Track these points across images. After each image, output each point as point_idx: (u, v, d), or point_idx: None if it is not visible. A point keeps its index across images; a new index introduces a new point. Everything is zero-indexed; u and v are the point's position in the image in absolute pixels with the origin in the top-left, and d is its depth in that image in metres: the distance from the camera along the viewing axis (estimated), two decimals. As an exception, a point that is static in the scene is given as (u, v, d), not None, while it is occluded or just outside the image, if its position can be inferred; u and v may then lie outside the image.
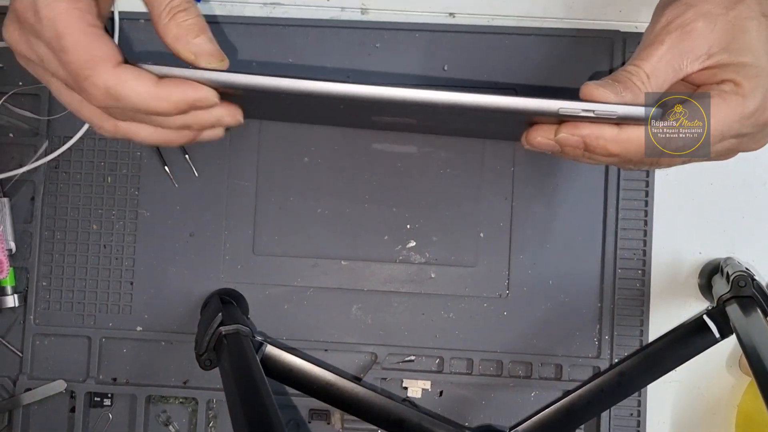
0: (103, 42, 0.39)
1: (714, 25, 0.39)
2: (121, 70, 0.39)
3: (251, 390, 0.44)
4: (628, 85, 0.39)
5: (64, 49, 0.38)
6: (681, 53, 0.39)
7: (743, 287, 0.49)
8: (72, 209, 0.57)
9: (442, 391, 0.57)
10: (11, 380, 0.57)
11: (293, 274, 0.57)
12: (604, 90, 0.38)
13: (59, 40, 0.38)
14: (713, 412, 0.57)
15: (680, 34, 0.39)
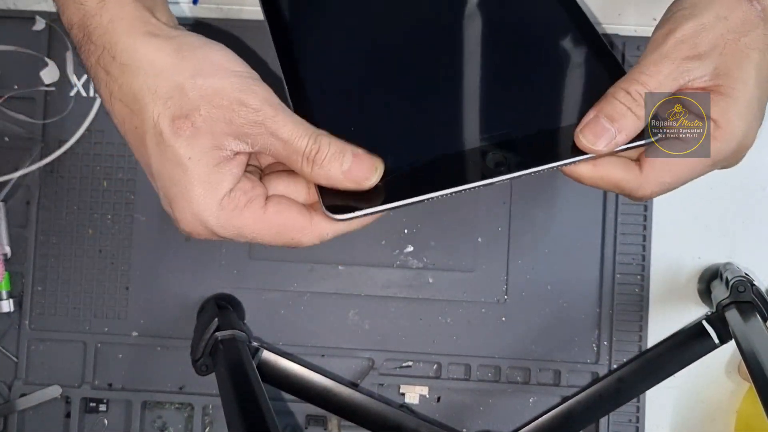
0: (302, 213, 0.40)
1: (724, 49, 0.39)
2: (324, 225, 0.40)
3: (247, 396, 0.44)
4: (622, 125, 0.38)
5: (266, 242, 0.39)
6: (688, 72, 0.39)
7: (742, 292, 0.49)
8: (67, 213, 0.57)
9: (439, 396, 0.56)
10: (6, 385, 0.56)
11: (290, 279, 0.56)
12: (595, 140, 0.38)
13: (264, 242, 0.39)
14: (712, 417, 0.57)
15: (690, 54, 0.39)
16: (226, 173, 0.37)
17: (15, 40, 0.56)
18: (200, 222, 0.37)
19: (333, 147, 0.37)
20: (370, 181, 0.38)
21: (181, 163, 0.36)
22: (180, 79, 0.36)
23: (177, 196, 0.37)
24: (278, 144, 0.37)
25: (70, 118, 0.56)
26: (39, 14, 0.56)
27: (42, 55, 0.56)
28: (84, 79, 0.57)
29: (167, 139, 0.36)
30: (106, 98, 0.37)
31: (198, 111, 0.36)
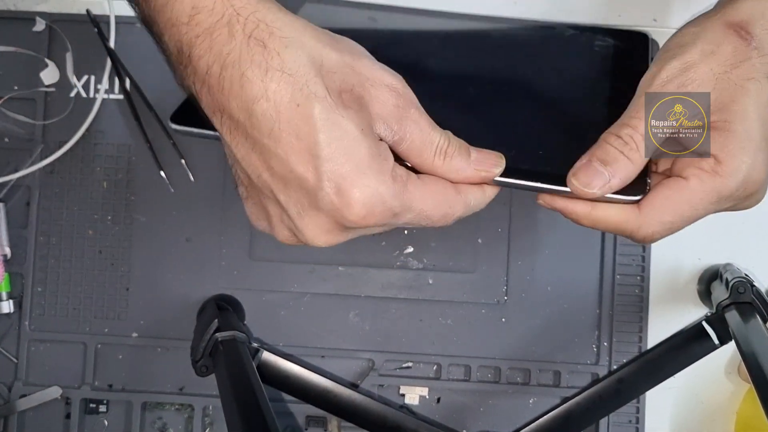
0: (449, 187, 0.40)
1: (715, 83, 0.38)
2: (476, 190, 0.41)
3: (247, 397, 0.44)
4: (616, 168, 0.38)
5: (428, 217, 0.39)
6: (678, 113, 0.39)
7: (742, 293, 0.49)
8: (67, 214, 0.57)
9: (439, 397, 0.56)
10: (6, 386, 0.56)
11: (290, 280, 0.56)
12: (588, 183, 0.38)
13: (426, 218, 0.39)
14: (712, 418, 0.57)
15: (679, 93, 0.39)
16: (386, 147, 0.37)
17: (15, 41, 0.56)
18: (379, 196, 0.35)
19: (460, 142, 0.39)
20: (496, 170, 0.39)
21: (355, 136, 0.35)
22: (342, 56, 0.36)
23: (352, 173, 0.35)
24: (417, 134, 0.37)
25: (70, 119, 0.56)
26: (39, 15, 0.56)
27: (42, 56, 0.56)
28: (84, 80, 0.57)
29: (339, 112, 0.35)
30: (258, 76, 0.35)
31: (362, 86, 0.36)
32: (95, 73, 0.57)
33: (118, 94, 0.57)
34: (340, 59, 0.36)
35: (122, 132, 0.57)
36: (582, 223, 0.40)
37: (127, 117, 0.56)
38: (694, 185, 0.38)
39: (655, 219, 0.39)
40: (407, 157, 0.38)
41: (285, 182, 0.36)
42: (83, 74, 0.57)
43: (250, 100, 0.35)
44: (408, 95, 0.37)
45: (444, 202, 0.38)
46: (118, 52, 0.56)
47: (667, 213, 0.39)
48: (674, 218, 0.39)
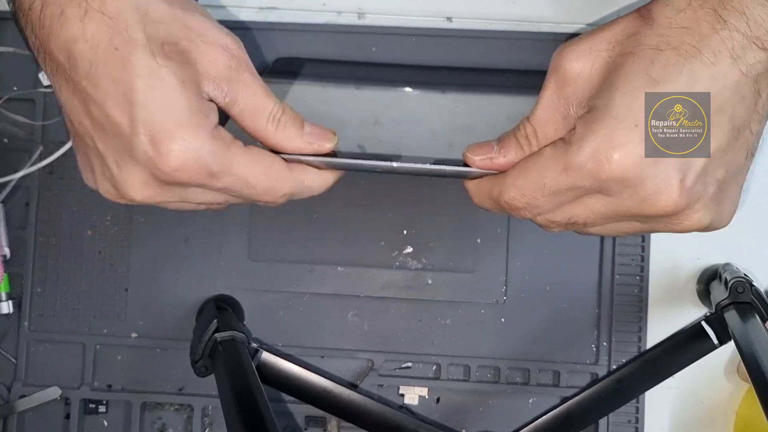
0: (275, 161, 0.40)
1: (592, 65, 0.38)
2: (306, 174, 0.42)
3: (247, 397, 0.44)
4: (505, 145, 0.40)
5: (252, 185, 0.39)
6: (566, 100, 0.39)
7: (741, 293, 0.49)
8: (67, 215, 0.57)
9: (439, 397, 0.56)
10: (6, 387, 0.56)
11: (289, 280, 0.56)
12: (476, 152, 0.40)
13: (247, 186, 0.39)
14: (712, 418, 0.57)
15: (562, 79, 0.39)
16: (211, 106, 0.37)
17: (15, 41, 0.56)
18: (194, 152, 0.35)
19: (294, 113, 0.40)
20: (327, 145, 0.40)
21: (174, 87, 0.35)
22: (172, 8, 0.36)
23: (168, 124, 0.35)
24: (250, 98, 0.37)
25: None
26: (38, 15, 0.56)
27: (41, 57, 0.56)
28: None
29: (159, 61, 0.34)
30: (77, 15, 0.34)
31: (190, 41, 0.36)
32: (94, 74, 0.57)
33: (117, 94, 0.57)
34: (170, 11, 0.36)
35: (121, 132, 0.57)
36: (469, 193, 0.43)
37: (126, 117, 0.56)
38: (546, 151, 0.38)
39: (511, 182, 0.40)
40: (240, 121, 0.38)
41: (103, 129, 0.36)
42: (82, 75, 0.57)
43: (69, 40, 0.34)
44: (242, 58, 0.37)
45: (270, 174, 0.39)
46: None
47: (520, 176, 0.39)
48: (525, 182, 0.39)
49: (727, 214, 0.41)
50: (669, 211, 0.37)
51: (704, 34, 0.36)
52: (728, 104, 0.36)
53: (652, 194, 0.37)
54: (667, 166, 0.36)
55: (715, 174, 0.38)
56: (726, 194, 0.39)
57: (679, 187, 0.36)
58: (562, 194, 0.39)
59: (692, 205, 0.38)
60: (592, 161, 0.36)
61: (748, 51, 0.35)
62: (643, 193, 0.37)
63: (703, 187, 0.37)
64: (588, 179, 0.37)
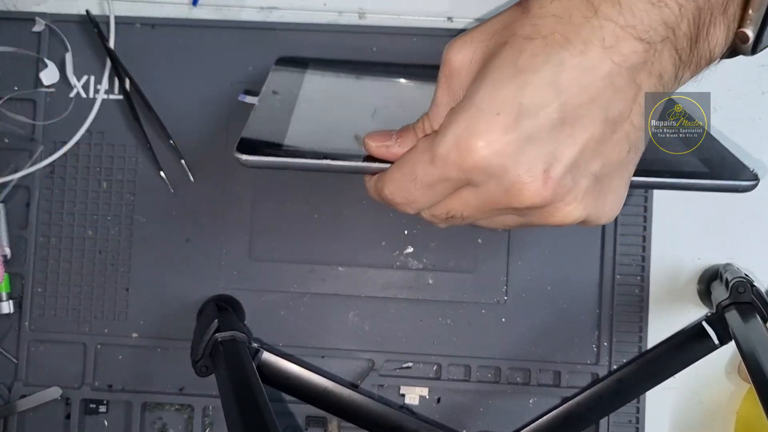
0: None
1: (472, 57, 0.37)
2: None
3: (247, 397, 0.44)
4: (403, 135, 0.39)
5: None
6: (453, 93, 0.38)
7: (742, 293, 0.49)
8: (67, 215, 0.57)
9: (439, 398, 0.56)
10: (6, 387, 0.56)
11: (290, 280, 0.56)
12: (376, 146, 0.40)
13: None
14: (712, 418, 0.57)
15: (448, 72, 0.38)
16: None
17: (15, 42, 0.56)
18: None
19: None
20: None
21: None
22: None
23: None
24: None
25: (69, 120, 0.56)
26: (39, 15, 0.56)
27: (42, 57, 0.56)
28: (84, 81, 0.57)
29: None
30: None
31: None
32: (95, 74, 0.57)
33: (117, 94, 0.57)
34: None
35: (122, 132, 0.57)
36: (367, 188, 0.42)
37: (127, 117, 0.56)
38: (420, 144, 0.38)
39: (389, 176, 0.39)
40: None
41: None
42: (83, 75, 0.57)
43: None
44: None
45: None
46: (118, 52, 0.56)
47: (397, 170, 0.39)
48: (400, 175, 0.39)
49: (609, 209, 0.39)
50: (535, 203, 0.36)
51: (575, 23, 0.35)
52: (600, 96, 0.35)
53: (515, 184, 0.36)
54: (530, 157, 0.35)
55: (588, 167, 0.36)
56: (607, 188, 0.38)
57: (543, 178, 0.35)
58: (434, 187, 0.38)
59: (562, 197, 0.36)
60: (455, 151, 0.36)
61: (622, 41, 0.34)
62: (507, 183, 0.36)
63: (573, 179, 0.36)
64: (454, 170, 0.36)
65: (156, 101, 0.56)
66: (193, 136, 0.56)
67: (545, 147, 0.35)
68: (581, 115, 0.35)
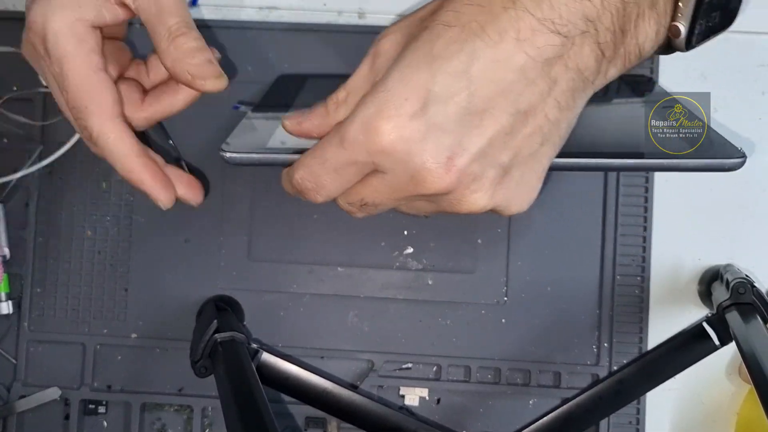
0: (102, 91, 0.41)
1: (397, 41, 0.38)
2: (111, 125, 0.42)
3: (247, 398, 0.44)
4: (315, 110, 0.40)
5: (65, 88, 0.41)
6: (375, 73, 0.38)
7: (743, 294, 0.49)
8: (66, 215, 0.57)
9: (439, 398, 0.56)
10: (5, 387, 0.56)
11: (289, 281, 0.56)
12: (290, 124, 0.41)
13: (63, 79, 0.41)
14: (713, 419, 0.57)
15: (375, 53, 0.39)
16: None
17: (14, 42, 0.56)
18: None
19: (199, 42, 0.41)
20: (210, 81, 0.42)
21: None
22: None
23: None
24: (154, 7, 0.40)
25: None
26: (38, 15, 0.56)
27: (41, 57, 0.56)
28: (83, 81, 0.57)
29: None
30: None
31: None
32: (94, 74, 0.57)
33: (117, 94, 0.57)
34: None
35: (121, 132, 0.57)
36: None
37: (126, 117, 0.56)
38: (333, 128, 0.38)
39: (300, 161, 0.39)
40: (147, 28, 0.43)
41: None
42: (82, 75, 0.57)
43: None
44: None
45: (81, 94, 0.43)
46: (117, 52, 0.56)
47: (308, 155, 0.39)
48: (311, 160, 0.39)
49: (520, 199, 0.39)
50: (439, 190, 0.36)
51: (494, 13, 0.35)
52: (511, 88, 0.35)
53: (419, 171, 0.36)
54: (436, 144, 0.35)
55: (496, 158, 0.36)
56: (518, 180, 0.38)
57: (447, 166, 0.35)
58: (343, 171, 0.38)
59: (467, 185, 0.36)
60: (363, 133, 0.36)
61: (537, 34, 0.34)
62: (412, 169, 0.36)
63: (480, 169, 0.36)
64: (362, 153, 0.36)
65: (155, 101, 0.56)
66: (192, 137, 0.56)
67: (452, 135, 0.35)
68: (491, 106, 0.35)
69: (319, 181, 0.39)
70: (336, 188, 0.39)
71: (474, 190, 0.37)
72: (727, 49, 0.56)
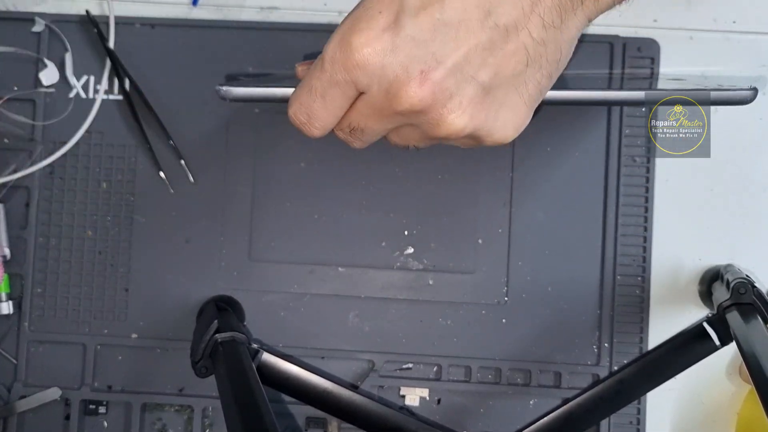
0: None
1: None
2: None
3: (247, 398, 0.44)
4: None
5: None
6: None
7: (743, 294, 0.49)
8: (67, 215, 0.57)
9: (440, 399, 0.56)
10: (6, 387, 0.56)
11: (290, 281, 0.56)
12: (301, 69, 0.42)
13: None
14: (713, 419, 0.57)
15: None
16: None
17: (14, 42, 0.56)
18: None
19: None
20: None
21: None
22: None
23: None
24: None
25: (69, 120, 0.56)
26: (38, 15, 0.56)
27: (41, 57, 0.56)
28: (83, 81, 0.57)
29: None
30: None
31: None
32: (95, 74, 0.57)
33: (117, 94, 0.57)
34: None
35: (122, 132, 0.57)
36: None
37: (127, 117, 0.56)
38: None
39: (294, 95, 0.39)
40: None
41: None
42: (83, 75, 0.57)
43: None
44: None
45: None
46: (118, 52, 0.56)
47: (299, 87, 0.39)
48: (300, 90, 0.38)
49: (503, 125, 0.38)
50: (414, 105, 0.35)
51: None
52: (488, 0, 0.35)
53: (393, 84, 0.35)
54: (409, 57, 0.34)
55: (475, 74, 0.36)
56: (500, 102, 0.37)
57: (420, 79, 0.35)
58: (329, 95, 0.37)
59: (443, 102, 0.36)
60: (339, 50, 0.35)
61: None
62: (386, 83, 0.35)
63: (456, 85, 0.35)
64: (340, 70, 0.36)
65: (156, 101, 0.56)
66: (193, 136, 0.56)
67: (426, 48, 0.35)
68: (467, 19, 0.34)
69: (311, 111, 0.38)
70: (326, 116, 0.38)
71: (451, 109, 0.36)
72: (727, 49, 0.56)
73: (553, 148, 0.56)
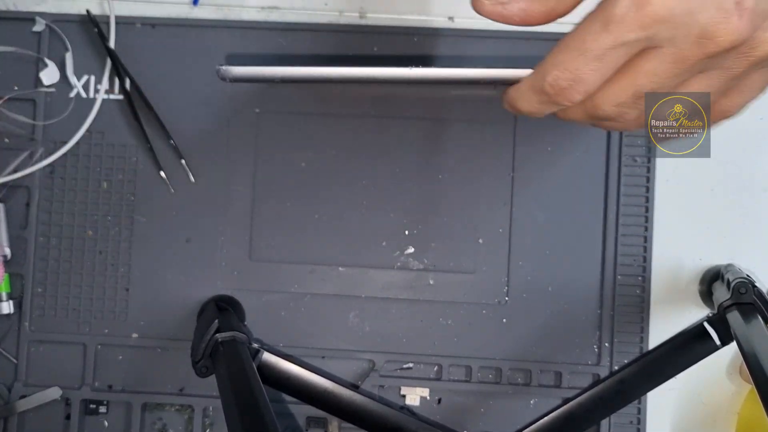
0: None
1: None
2: None
3: (248, 398, 0.44)
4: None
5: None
6: None
7: (744, 294, 0.49)
8: (67, 215, 0.57)
9: (440, 398, 0.56)
10: (6, 387, 0.56)
11: (290, 281, 0.56)
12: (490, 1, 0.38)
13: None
14: (714, 419, 0.57)
15: None
16: None
17: (15, 41, 0.56)
18: None
19: None
20: None
21: None
22: None
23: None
24: None
25: (70, 120, 0.56)
26: (39, 15, 0.56)
27: (42, 57, 0.56)
28: (84, 80, 0.57)
29: None
30: None
31: None
32: (95, 74, 0.57)
33: (118, 94, 0.57)
34: None
35: (122, 132, 0.57)
36: None
37: (127, 117, 0.56)
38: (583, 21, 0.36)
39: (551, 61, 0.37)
40: None
41: None
42: (83, 74, 0.57)
43: None
44: None
45: None
46: (118, 52, 0.56)
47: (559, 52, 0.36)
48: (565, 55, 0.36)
49: None
50: (734, 41, 0.33)
51: None
52: None
53: (707, 27, 0.32)
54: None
55: None
56: None
57: (738, 10, 0.32)
58: (607, 57, 0.34)
59: (758, 24, 0.33)
60: (633, 7, 0.33)
61: None
62: (697, 29, 0.33)
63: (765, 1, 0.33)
64: (633, 30, 0.33)
65: (156, 101, 0.56)
66: (193, 136, 0.56)
67: None
68: None
69: (579, 75, 0.35)
70: (596, 79, 0.36)
71: (766, 28, 0.33)
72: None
73: (554, 148, 0.56)
